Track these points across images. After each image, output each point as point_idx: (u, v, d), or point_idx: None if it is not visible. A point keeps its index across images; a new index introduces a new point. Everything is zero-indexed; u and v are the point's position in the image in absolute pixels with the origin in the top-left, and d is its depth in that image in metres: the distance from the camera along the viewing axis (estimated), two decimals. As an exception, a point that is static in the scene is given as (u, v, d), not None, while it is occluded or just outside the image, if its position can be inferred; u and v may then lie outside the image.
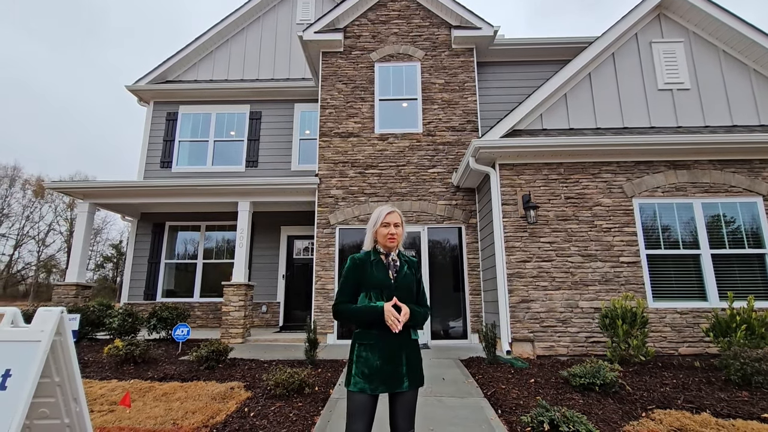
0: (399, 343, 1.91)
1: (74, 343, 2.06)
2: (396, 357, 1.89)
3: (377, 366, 1.85)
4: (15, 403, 1.59)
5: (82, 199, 8.25)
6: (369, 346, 1.89)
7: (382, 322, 1.86)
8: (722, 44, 6.79)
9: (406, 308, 1.90)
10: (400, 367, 1.88)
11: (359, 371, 1.87)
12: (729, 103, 6.59)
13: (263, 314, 9.22)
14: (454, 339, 7.12)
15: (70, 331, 2.04)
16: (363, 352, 1.90)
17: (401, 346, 1.91)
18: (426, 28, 8.55)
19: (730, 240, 5.90)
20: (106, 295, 29.03)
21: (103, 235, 35.24)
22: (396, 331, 1.84)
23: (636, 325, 4.87)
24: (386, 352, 1.88)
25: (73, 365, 2.00)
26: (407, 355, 1.92)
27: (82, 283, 7.90)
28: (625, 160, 6.18)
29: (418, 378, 1.94)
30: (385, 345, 1.89)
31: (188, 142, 10.28)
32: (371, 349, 1.89)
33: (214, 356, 5.07)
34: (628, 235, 5.94)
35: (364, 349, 1.90)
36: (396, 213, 2.06)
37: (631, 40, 6.90)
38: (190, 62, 10.92)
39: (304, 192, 8.04)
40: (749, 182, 6.01)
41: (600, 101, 6.70)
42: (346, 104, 8.23)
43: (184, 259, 9.83)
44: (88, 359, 5.57)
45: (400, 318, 1.85)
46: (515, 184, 6.21)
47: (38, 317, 1.85)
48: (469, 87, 8.18)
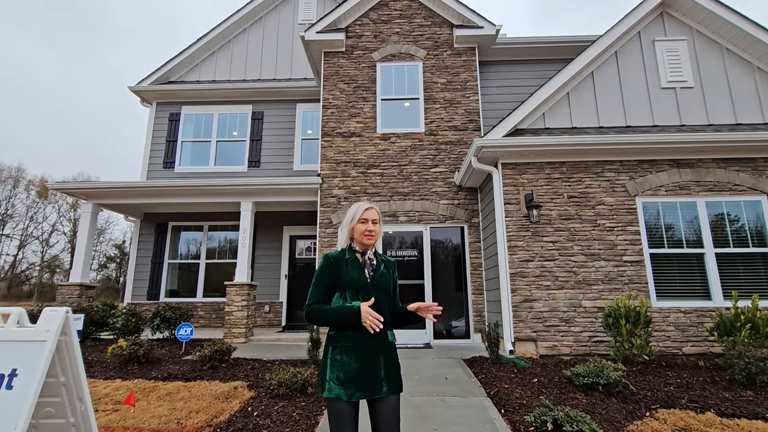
0: (377, 346, 1.80)
1: (79, 342, 2.07)
2: (373, 360, 1.78)
3: (354, 369, 1.74)
4: (21, 402, 1.60)
5: (86, 199, 8.28)
6: (344, 348, 1.78)
7: (358, 323, 1.76)
8: (726, 42, 6.76)
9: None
10: (377, 371, 1.77)
11: (334, 376, 1.75)
12: (733, 101, 6.56)
13: (266, 314, 9.24)
14: (456, 339, 7.11)
15: (75, 331, 2.05)
16: (338, 355, 1.78)
17: (379, 349, 1.81)
18: (428, 28, 8.54)
19: (734, 239, 5.88)
20: (110, 295, 29.14)
21: (106, 235, 35.38)
22: (376, 331, 1.74)
23: (639, 324, 4.85)
24: (363, 354, 1.77)
25: (78, 365, 2.01)
26: (385, 359, 1.81)
27: (86, 283, 7.94)
28: (628, 159, 6.15)
29: (397, 383, 1.83)
30: (362, 347, 1.78)
31: (191, 142, 10.30)
32: (347, 352, 1.77)
33: (217, 356, 5.09)
34: (631, 234, 5.92)
35: (339, 351, 1.79)
36: (374, 209, 1.99)
37: (633, 39, 6.87)
38: (193, 63, 10.95)
39: (307, 192, 8.05)
40: (753, 180, 5.98)
41: (603, 100, 6.67)
42: (348, 104, 8.24)
43: (187, 259, 9.86)
44: (93, 359, 5.60)
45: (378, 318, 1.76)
46: (518, 184, 6.20)
47: (44, 317, 1.86)
48: (471, 86, 8.16)
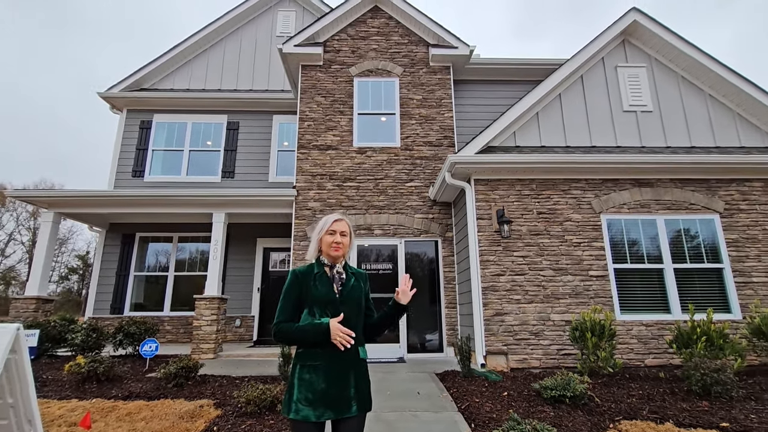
0: (347, 363, 1.75)
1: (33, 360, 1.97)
2: (343, 378, 1.73)
3: (322, 389, 1.68)
4: (-38, 426, 1.51)
5: (47, 208, 7.92)
6: (313, 367, 1.72)
7: (328, 340, 1.72)
8: (681, 70, 7.23)
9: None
10: (347, 390, 1.72)
11: (302, 396, 1.68)
12: (688, 125, 6.99)
13: (237, 328, 9.00)
14: (430, 352, 7.13)
15: (26, 349, 1.96)
16: (306, 374, 1.72)
17: (349, 366, 1.76)
18: (405, 46, 8.74)
19: (691, 255, 6.20)
20: (70, 309, 27.69)
21: (68, 245, 33.71)
22: (347, 347, 1.71)
23: (604, 337, 5.01)
24: (332, 373, 1.72)
25: (29, 385, 1.91)
26: (355, 377, 1.76)
27: (44, 297, 7.53)
28: (593, 178, 6.43)
29: (367, 401, 1.78)
30: (332, 366, 1.72)
31: (162, 151, 10.06)
32: (315, 371, 1.71)
33: (183, 373, 4.90)
34: (596, 249, 6.15)
35: (307, 370, 1.72)
36: (344, 221, 1.95)
37: (598, 64, 7.26)
38: (167, 70, 10.76)
39: (282, 204, 7.97)
40: (707, 200, 6.35)
41: (570, 120, 6.98)
42: (325, 117, 8.28)
43: (155, 272, 9.52)
44: (47, 377, 5.29)
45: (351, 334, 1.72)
46: (490, 199, 6.36)
47: (-8, 334, 1.77)
48: (445, 103, 8.37)
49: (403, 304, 1.89)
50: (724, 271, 6.09)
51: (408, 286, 1.90)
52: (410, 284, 1.91)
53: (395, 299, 1.91)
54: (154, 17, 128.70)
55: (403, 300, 1.88)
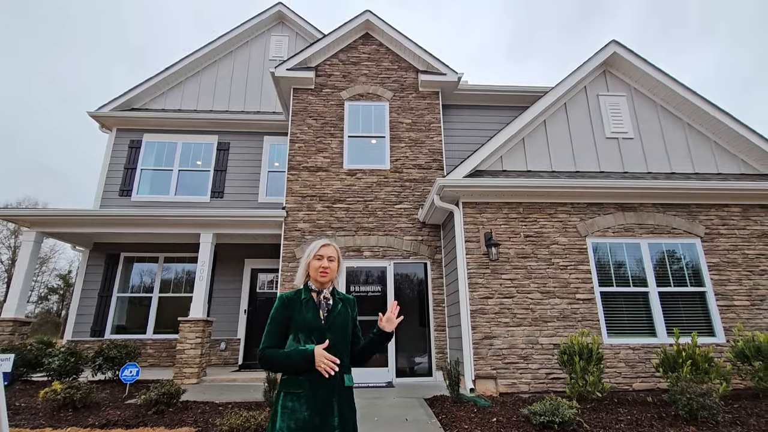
0: (331, 391, 1.72)
1: (6, 386, 1.91)
2: (327, 407, 1.70)
3: (305, 418, 1.65)
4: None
5: (29, 227, 7.76)
6: (296, 395, 1.69)
7: (313, 367, 1.69)
8: (659, 100, 7.53)
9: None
10: (331, 419, 1.68)
11: (285, 425, 1.65)
12: (667, 152, 7.24)
13: (222, 352, 8.79)
14: (419, 376, 7.04)
15: (1, 375, 1.90)
16: (289, 402, 1.69)
17: (333, 394, 1.72)
18: (394, 71, 8.97)
19: (674, 278, 6.31)
20: (48, 331, 26.71)
21: (50, 264, 32.78)
22: (330, 374, 1.68)
23: (592, 361, 5.02)
24: (316, 401, 1.69)
25: (1, 414, 1.85)
26: (340, 406, 1.73)
27: (21, 319, 7.29)
28: (578, 202, 6.57)
29: (352, 430, 1.76)
30: (316, 393, 1.70)
31: (151, 170, 10.01)
32: (299, 399, 1.69)
33: (164, 399, 4.75)
34: (583, 272, 6.23)
35: (290, 398, 1.69)
36: (332, 247, 1.95)
37: (580, 92, 7.53)
38: (159, 91, 10.82)
39: (271, 225, 7.94)
40: (689, 225, 6.52)
41: (554, 146, 7.17)
42: (316, 139, 8.37)
43: (139, 293, 9.31)
44: (21, 405, 5.06)
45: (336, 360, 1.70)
46: (478, 222, 6.43)
47: (-33, 362, 1.72)
48: (434, 127, 8.55)
49: (388, 331, 1.87)
50: (707, 294, 6.20)
51: (395, 314, 1.89)
52: (397, 311, 1.90)
53: (380, 326, 1.89)
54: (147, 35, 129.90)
55: (388, 327, 1.87)
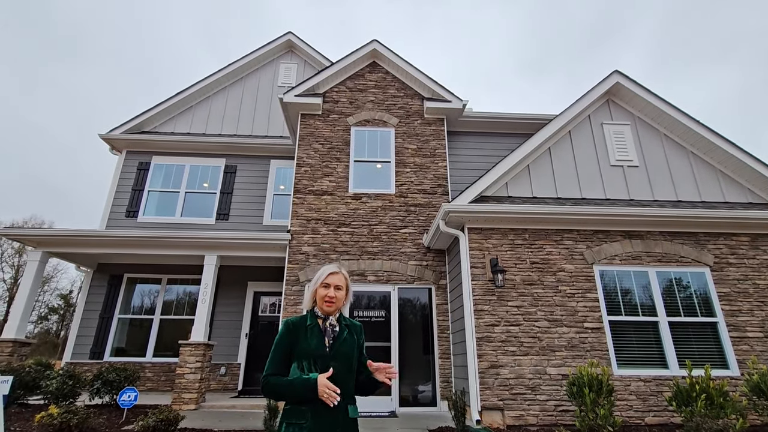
0: (335, 423, 1.67)
1: (3, 411, 1.87)
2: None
3: None
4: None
5: (35, 247, 7.80)
6: (299, 426, 1.64)
7: (316, 396, 1.64)
8: (663, 129, 7.61)
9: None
10: None
11: None
12: (673, 180, 7.25)
13: (221, 377, 8.61)
14: (423, 406, 6.84)
15: (0, 398, 1.86)
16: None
17: (337, 426, 1.67)
18: (400, 98, 9.15)
19: (684, 307, 6.19)
20: (47, 352, 26.39)
21: (52, 284, 32.71)
22: (332, 404, 1.62)
23: (602, 393, 4.87)
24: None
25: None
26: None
27: (21, 340, 7.22)
28: (584, 229, 6.54)
29: None
30: (318, 424, 1.64)
31: (158, 192, 10.12)
32: (301, 430, 1.64)
33: (162, 426, 4.63)
34: (590, 300, 6.13)
35: (293, 429, 1.65)
36: (340, 275, 1.90)
37: (585, 121, 7.63)
38: (169, 115, 11.08)
39: (275, 248, 7.94)
40: (697, 253, 6.46)
41: (560, 173, 7.21)
42: (322, 163, 8.47)
43: (140, 314, 9.23)
44: (15, 429, 4.95)
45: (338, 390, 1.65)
46: (483, 248, 6.40)
47: (-31, 387, 1.69)
48: (439, 153, 8.64)
49: (378, 380, 1.82)
50: (719, 325, 6.07)
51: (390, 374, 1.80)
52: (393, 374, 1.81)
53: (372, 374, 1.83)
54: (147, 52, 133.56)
55: (378, 377, 1.81)
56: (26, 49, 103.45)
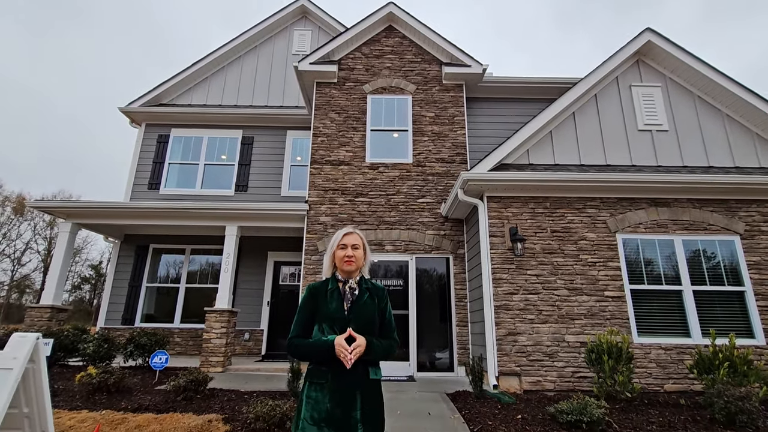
0: (354, 383, 1.70)
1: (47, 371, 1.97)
2: (349, 399, 1.68)
3: (327, 409, 1.65)
4: (-20, 436, 1.51)
5: (65, 218, 8.08)
6: (320, 385, 1.70)
7: (334, 357, 1.67)
8: (697, 90, 7.18)
9: (360, 339, 1.70)
10: (353, 412, 1.66)
11: (308, 414, 1.67)
12: (705, 145, 6.91)
13: (246, 342, 8.97)
14: (440, 371, 7.00)
15: (44, 359, 1.96)
16: (313, 392, 1.70)
17: (356, 387, 1.70)
18: (418, 64, 8.86)
19: (710, 277, 6.03)
20: (82, 318, 27.95)
21: (82, 255, 34.23)
22: (348, 364, 1.65)
23: (622, 360, 4.87)
24: (338, 393, 1.68)
25: (45, 396, 1.91)
26: (363, 398, 1.70)
27: (58, 306, 7.62)
28: (608, 196, 6.35)
29: (377, 425, 1.72)
30: (338, 385, 1.69)
31: (178, 164, 10.26)
32: (322, 389, 1.69)
33: (192, 386, 4.88)
34: (612, 269, 6.03)
35: (314, 389, 1.71)
36: (355, 234, 1.92)
37: (612, 83, 7.26)
38: (185, 87, 11.06)
39: (294, 218, 8.02)
40: (726, 221, 6.22)
41: (584, 139, 6.95)
42: (338, 133, 8.38)
43: (167, 283, 9.59)
44: (59, 387, 5.30)
45: (351, 350, 1.66)
46: (502, 217, 6.31)
47: (12, 343, 1.79)
48: (458, 121, 8.42)
49: None
50: (746, 294, 5.91)
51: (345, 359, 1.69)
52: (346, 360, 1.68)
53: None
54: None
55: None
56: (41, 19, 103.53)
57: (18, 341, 1.83)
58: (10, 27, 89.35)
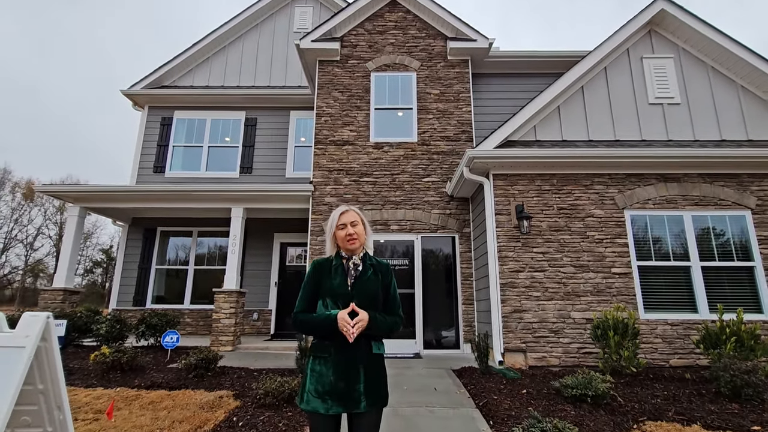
0: (357, 357, 1.73)
1: (60, 349, 2.02)
2: (352, 373, 1.70)
3: (331, 382, 1.68)
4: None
5: (73, 202, 8.15)
6: (323, 359, 1.73)
7: (337, 331, 1.69)
8: (711, 61, 6.94)
9: (363, 314, 1.71)
10: (356, 385, 1.69)
11: (312, 387, 1.71)
12: (718, 117, 6.72)
13: (254, 322, 9.12)
14: (446, 349, 7.08)
15: (55, 337, 2.00)
16: (317, 365, 1.74)
17: (359, 361, 1.73)
18: (422, 39, 8.64)
19: (719, 252, 5.97)
20: (95, 301, 28.60)
21: (93, 239, 34.81)
22: (350, 338, 1.67)
23: (627, 336, 4.88)
24: (341, 366, 1.70)
25: (58, 372, 1.95)
26: (366, 372, 1.72)
27: (70, 288, 7.77)
28: (616, 172, 6.25)
29: (379, 398, 1.74)
30: (341, 358, 1.71)
31: (182, 147, 10.23)
32: (325, 363, 1.72)
33: (203, 364, 4.99)
34: (619, 246, 5.99)
35: (318, 362, 1.74)
36: (351, 211, 1.92)
37: (622, 55, 7.03)
38: (187, 68, 10.92)
39: (298, 199, 8.02)
40: (738, 196, 6.11)
41: (592, 114, 6.79)
42: (342, 112, 8.27)
43: (175, 265, 9.72)
44: (74, 366, 5.46)
45: (353, 324, 1.67)
46: (509, 195, 6.25)
47: (23, 322, 1.81)
48: (463, 97, 8.26)
49: None
50: (756, 269, 5.86)
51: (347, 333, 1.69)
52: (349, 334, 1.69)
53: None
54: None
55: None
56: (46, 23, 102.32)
57: (29, 320, 1.85)
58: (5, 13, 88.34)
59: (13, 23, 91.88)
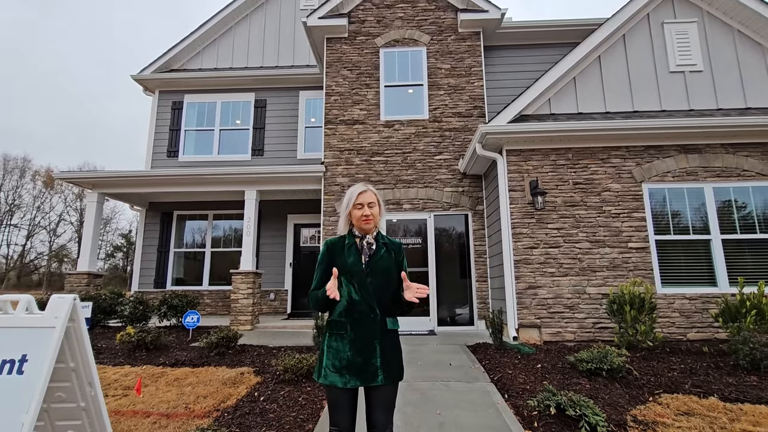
0: (373, 334, 1.78)
1: (87, 330, 2.10)
2: (368, 348, 1.76)
3: (348, 357, 1.74)
4: (32, 386, 1.63)
5: (91, 189, 8.33)
6: (340, 335, 1.79)
7: (348, 310, 1.78)
8: (737, 24, 6.59)
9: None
10: (373, 359, 1.75)
11: (330, 363, 1.76)
12: (743, 84, 6.42)
13: (271, 302, 9.33)
14: (460, 325, 7.16)
15: (83, 318, 2.08)
16: (334, 342, 1.79)
17: (374, 336, 1.78)
18: (432, 12, 8.39)
19: (741, 225, 5.82)
20: (117, 284, 29.52)
21: (112, 224, 35.69)
22: (337, 300, 1.68)
23: (644, 310, 4.85)
24: (358, 342, 1.76)
25: (87, 351, 2.04)
26: (382, 347, 1.78)
27: (93, 272, 8.03)
28: (634, 145, 6.08)
29: (395, 372, 1.80)
30: (357, 334, 1.77)
31: (194, 131, 10.28)
32: (342, 339, 1.78)
33: (224, 342, 5.15)
34: (637, 220, 5.88)
35: (335, 338, 1.79)
36: (369, 192, 1.91)
37: (642, 21, 6.72)
38: (195, 50, 10.85)
39: (310, 180, 8.04)
40: (762, 165, 5.89)
41: (610, 84, 6.56)
42: (351, 91, 8.16)
43: (193, 248, 9.93)
44: (102, 346, 5.69)
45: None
46: (522, 170, 6.15)
47: (52, 304, 1.88)
48: (475, 72, 8.05)
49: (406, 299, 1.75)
50: (779, 241, 5.70)
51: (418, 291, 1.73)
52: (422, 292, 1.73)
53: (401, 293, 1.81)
54: None
55: (407, 296, 1.74)
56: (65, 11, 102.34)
57: (57, 302, 1.92)
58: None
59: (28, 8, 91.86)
